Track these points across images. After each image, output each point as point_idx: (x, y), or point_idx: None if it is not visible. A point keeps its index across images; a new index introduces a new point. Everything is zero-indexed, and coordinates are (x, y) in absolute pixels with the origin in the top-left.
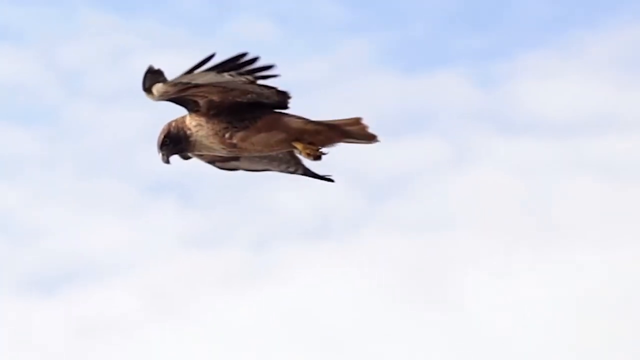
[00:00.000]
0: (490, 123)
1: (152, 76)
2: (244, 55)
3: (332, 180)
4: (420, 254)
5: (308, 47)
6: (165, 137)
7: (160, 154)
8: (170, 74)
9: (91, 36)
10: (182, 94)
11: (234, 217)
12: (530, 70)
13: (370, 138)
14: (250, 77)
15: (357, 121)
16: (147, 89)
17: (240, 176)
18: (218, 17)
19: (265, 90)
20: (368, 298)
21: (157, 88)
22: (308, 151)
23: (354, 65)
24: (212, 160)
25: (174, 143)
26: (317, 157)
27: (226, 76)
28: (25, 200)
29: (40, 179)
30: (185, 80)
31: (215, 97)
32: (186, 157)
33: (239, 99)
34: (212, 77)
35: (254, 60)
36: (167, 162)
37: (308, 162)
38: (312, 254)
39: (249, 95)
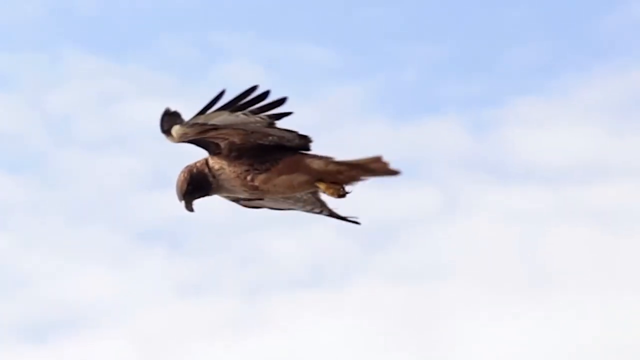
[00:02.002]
0: (482, 170)
1: (170, 118)
2: (254, 88)
3: (358, 223)
4: (413, 302)
5: (298, 93)
6: (188, 184)
7: (184, 202)
8: (156, 122)
9: (79, 81)
10: (203, 136)
11: (225, 265)
12: (521, 116)
13: (393, 174)
14: (264, 117)
15: (377, 160)
16: (166, 131)
17: (231, 223)
18: (207, 62)
19: (286, 134)
20: (360, 346)
21: (176, 130)
22: (331, 191)
23: (344, 111)
24: (237, 199)
25: (197, 189)
26: (341, 195)
27: (240, 116)
28: (14, 248)
29: (28, 227)
30: (200, 121)
31: (236, 139)
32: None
33: (260, 142)
34: (227, 117)
35: (265, 94)
36: (191, 210)
37: (331, 204)
38: (304, 302)
39: (270, 138)
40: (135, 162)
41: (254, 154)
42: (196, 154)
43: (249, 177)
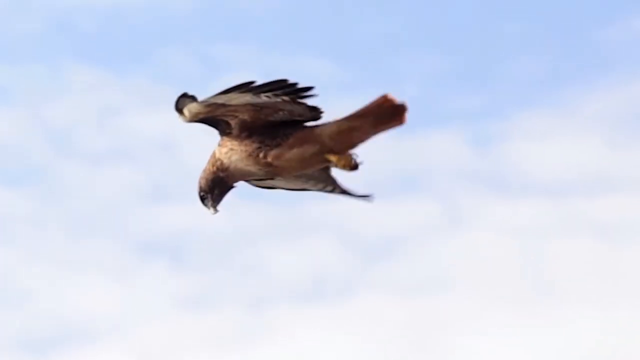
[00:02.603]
0: (484, 184)
1: (185, 100)
2: (284, 81)
3: (369, 197)
4: (414, 315)
5: None
6: (200, 192)
7: (206, 208)
8: (159, 132)
9: (79, 94)
10: (212, 114)
11: (227, 278)
12: (523, 129)
13: (402, 110)
14: (287, 98)
15: (384, 98)
16: (180, 109)
17: (232, 236)
18: (208, 75)
19: (296, 107)
20: (362, 359)
21: (190, 108)
22: (343, 162)
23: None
24: (249, 179)
25: (212, 191)
26: (354, 167)
27: (263, 97)
28: (14, 262)
29: (29, 240)
30: (220, 101)
31: (246, 117)
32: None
33: (270, 118)
34: (249, 99)
35: (294, 85)
36: (215, 212)
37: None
38: (306, 315)
39: (281, 113)
40: (136, 175)
41: (264, 132)
42: (199, 167)
43: (261, 154)
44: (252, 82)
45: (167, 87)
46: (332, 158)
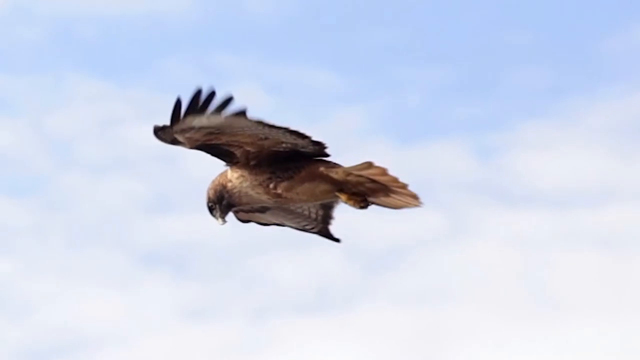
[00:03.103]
0: (487, 194)
1: (164, 131)
2: (199, 92)
3: (338, 241)
4: (417, 326)
5: (302, 117)
6: (208, 203)
7: (214, 219)
8: (160, 143)
9: (81, 104)
10: (217, 141)
11: (230, 289)
12: (527, 140)
13: (413, 197)
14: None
15: (396, 182)
16: (173, 141)
17: (235, 248)
18: (209, 85)
19: (300, 140)
20: None
21: (180, 133)
22: (352, 202)
23: (348, 135)
24: (237, 210)
25: (220, 202)
26: (362, 207)
27: (210, 116)
28: (17, 273)
29: (31, 251)
30: (183, 126)
31: (250, 148)
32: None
33: (275, 149)
34: (200, 119)
35: (212, 94)
36: (223, 222)
37: (327, 224)
38: (308, 326)
39: (284, 145)
40: (138, 185)
41: (273, 162)
42: (202, 178)
43: (271, 185)
44: (178, 102)
45: (169, 98)
46: (342, 197)
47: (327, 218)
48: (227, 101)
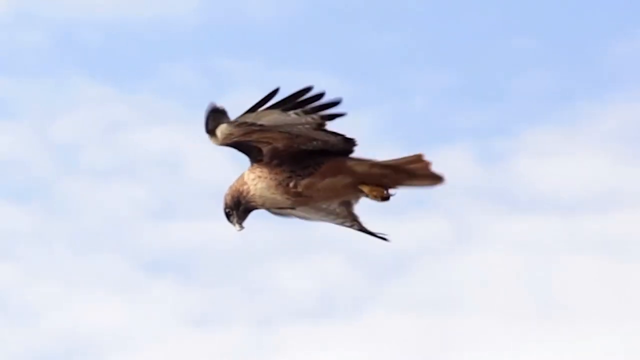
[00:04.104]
0: (493, 200)
1: (215, 116)
2: (309, 89)
3: (386, 239)
4: (423, 333)
5: None
6: (225, 209)
7: (231, 225)
8: (165, 148)
9: (85, 109)
10: (247, 138)
11: (235, 296)
12: (533, 146)
13: (435, 178)
14: (316, 117)
15: (419, 158)
16: (211, 131)
17: (240, 254)
18: (214, 90)
19: (332, 138)
20: None
21: (222, 129)
22: (375, 193)
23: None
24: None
25: (237, 208)
26: (385, 198)
27: (292, 115)
28: (20, 278)
29: (35, 257)
30: (249, 120)
31: (279, 144)
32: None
33: (303, 147)
34: (277, 117)
35: (320, 95)
36: (241, 228)
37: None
38: (315, 333)
39: (314, 142)
40: (142, 191)
41: (295, 161)
42: (206, 183)
43: (291, 184)
44: (276, 91)
45: (173, 103)
46: (365, 189)
47: (355, 216)
48: (333, 104)
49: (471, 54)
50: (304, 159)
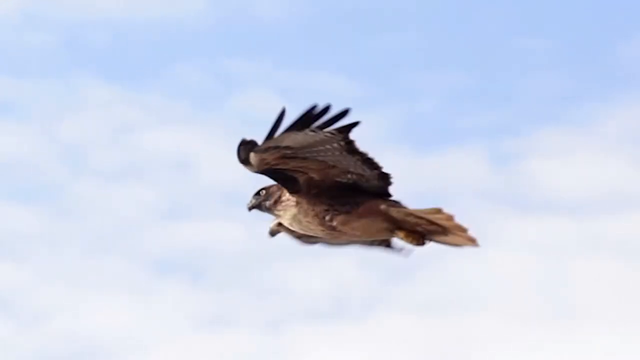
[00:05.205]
0: (504, 202)
1: (245, 147)
2: (314, 107)
3: (405, 255)
4: (434, 335)
5: None
6: (261, 189)
7: (250, 199)
8: (174, 149)
9: (94, 110)
10: (284, 166)
11: (246, 297)
12: (544, 147)
13: (470, 241)
14: (333, 132)
15: (458, 227)
16: (244, 160)
17: (250, 255)
18: (223, 91)
19: (367, 172)
20: None
21: (252, 158)
22: (410, 239)
23: (363, 141)
24: (298, 237)
25: (264, 200)
26: (420, 244)
27: (309, 133)
28: (30, 281)
29: (44, 258)
30: (272, 144)
31: (315, 175)
32: (275, 233)
33: (338, 179)
34: (296, 137)
35: (327, 109)
36: (250, 209)
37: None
38: (325, 335)
39: (349, 175)
40: (151, 192)
41: (333, 195)
42: (217, 188)
43: (327, 217)
44: (283, 112)
45: (182, 104)
46: (400, 234)
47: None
48: (342, 115)
49: (481, 55)
50: (343, 195)
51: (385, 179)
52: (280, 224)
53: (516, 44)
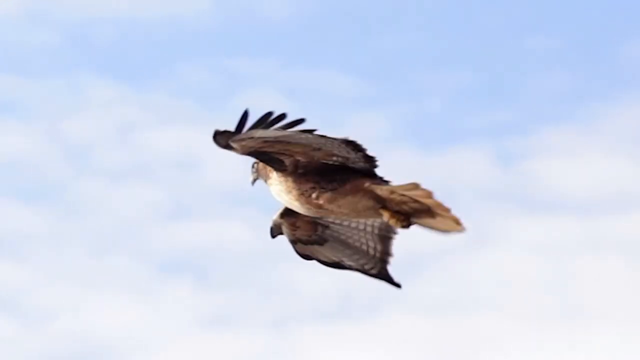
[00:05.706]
0: (510, 201)
1: (222, 136)
2: (269, 114)
3: (399, 286)
4: (441, 335)
5: (320, 121)
6: (255, 163)
7: (251, 173)
8: (179, 148)
9: (98, 109)
10: (269, 149)
11: (251, 297)
12: (549, 146)
13: (455, 222)
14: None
15: (439, 205)
16: (227, 145)
17: (257, 255)
18: (228, 90)
19: (352, 155)
20: None
21: (233, 144)
22: (394, 220)
23: (368, 140)
24: (295, 241)
25: (257, 175)
26: (405, 226)
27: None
28: (35, 280)
29: (49, 258)
30: (245, 136)
31: (300, 157)
32: (278, 233)
33: (324, 161)
34: (264, 131)
35: (282, 116)
36: (253, 182)
37: (385, 263)
38: (331, 334)
39: (334, 158)
40: (156, 192)
41: (320, 173)
42: (222, 188)
43: (314, 195)
44: (245, 115)
45: (187, 102)
46: (385, 214)
47: (385, 255)
48: (298, 122)
49: (487, 54)
50: (330, 173)
51: (370, 161)
52: (282, 216)
53: (522, 44)
